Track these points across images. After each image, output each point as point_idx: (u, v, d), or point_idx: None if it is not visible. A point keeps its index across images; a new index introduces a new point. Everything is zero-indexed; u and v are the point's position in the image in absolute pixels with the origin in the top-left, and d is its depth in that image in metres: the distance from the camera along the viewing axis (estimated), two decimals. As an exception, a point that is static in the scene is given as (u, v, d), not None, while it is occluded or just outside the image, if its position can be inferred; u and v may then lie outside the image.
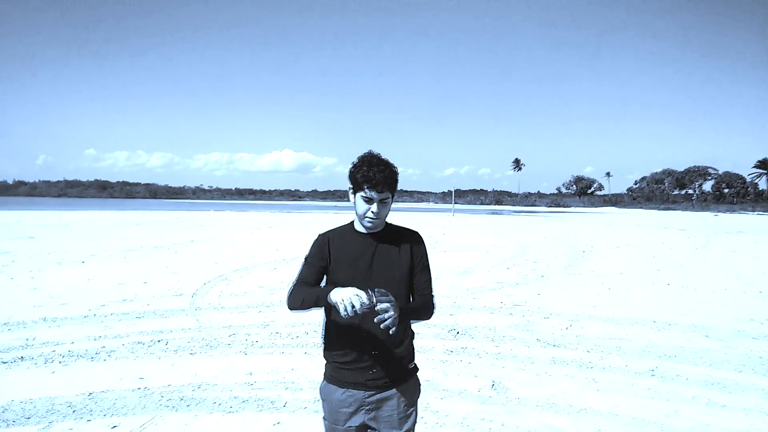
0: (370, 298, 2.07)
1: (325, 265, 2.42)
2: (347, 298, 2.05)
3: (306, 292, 2.31)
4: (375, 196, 2.29)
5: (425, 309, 2.43)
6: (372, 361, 2.37)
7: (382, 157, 2.35)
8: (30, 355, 5.90)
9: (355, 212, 2.39)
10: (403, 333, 2.44)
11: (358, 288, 2.11)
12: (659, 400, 4.89)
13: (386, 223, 2.48)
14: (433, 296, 2.50)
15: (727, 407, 4.73)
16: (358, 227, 2.44)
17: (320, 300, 2.23)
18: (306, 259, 2.48)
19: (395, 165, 2.37)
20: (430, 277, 2.53)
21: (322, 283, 2.45)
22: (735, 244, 23.12)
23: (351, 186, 2.36)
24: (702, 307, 9.07)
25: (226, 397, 4.83)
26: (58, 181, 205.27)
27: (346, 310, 2.04)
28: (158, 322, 7.49)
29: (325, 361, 2.52)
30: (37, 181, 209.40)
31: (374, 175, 2.27)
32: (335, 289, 2.13)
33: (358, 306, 2.04)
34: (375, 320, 2.07)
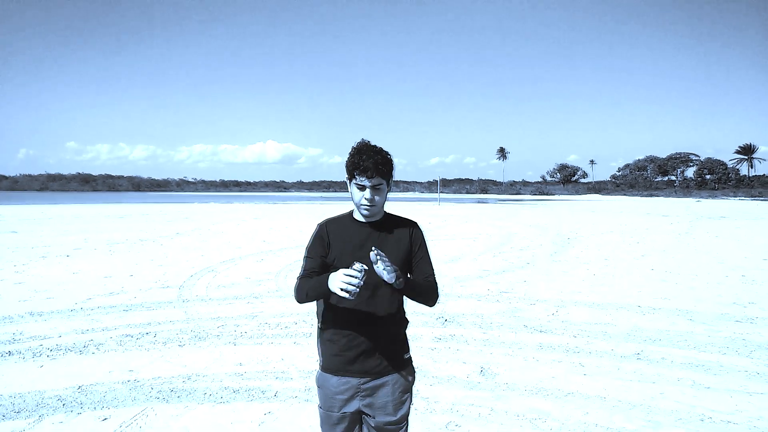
0: (361, 270, 2.09)
1: (325, 255, 2.43)
2: (342, 283, 2.06)
3: (309, 286, 2.32)
4: (366, 183, 2.30)
5: (430, 291, 2.45)
6: (367, 346, 2.38)
7: (374, 145, 2.37)
8: (18, 350, 5.86)
9: (353, 201, 2.41)
10: (397, 314, 2.47)
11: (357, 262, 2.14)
12: (645, 382, 4.96)
13: (385, 212, 2.50)
14: (435, 282, 2.52)
15: (712, 389, 4.81)
16: (357, 216, 2.46)
17: (323, 294, 2.25)
18: (307, 251, 2.49)
19: (388, 152, 2.39)
20: (431, 265, 2.55)
21: None
22: (717, 230, 23.40)
23: (347, 176, 2.38)
24: (686, 292, 9.20)
25: (216, 387, 4.84)
26: (40, 175, 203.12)
27: (349, 294, 2.07)
28: (146, 314, 7.46)
29: (319, 350, 2.52)
30: (18, 175, 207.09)
31: (364, 161, 2.29)
32: (329, 278, 2.15)
33: (356, 284, 2.07)
34: (382, 272, 2.12)
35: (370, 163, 2.28)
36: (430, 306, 2.48)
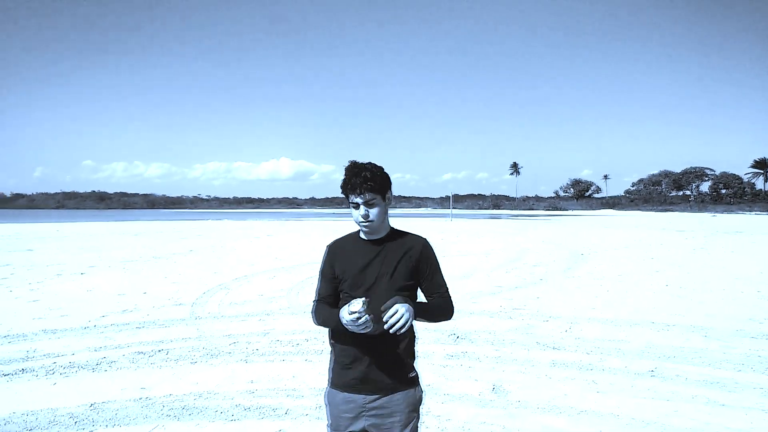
0: (365, 303, 2.14)
1: (334, 275, 2.49)
2: (350, 321, 2.15)
3: (324, 317, 2.44)
4: (358, 200, 2.34)
5: (441, 308, 2.48)
6: (371, 364, 2.38)
7: (362, 162, 2.39)
8: (31, 367, 5.90)
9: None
10: (405, 335, 2.45)
11: (355, 299, 2.20)
12: (659, 400, 4.91)
13: (391, 228, 2.52)
14: (449, 294, 2.53)
15: (727, 406, 4.75)
16: (363, 235, 2.48)
17: (338, 327, 2.29)
18: (319, 273, 2.58)
19: (380, 167, 2.41)
20: (442, 276, 2.56)
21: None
22: (733, 245, 23.18)
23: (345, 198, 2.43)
24: (700, 308, 9.10)
25: (227, 405, 4.84)
26: (56, 193, 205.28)
27: (361, 327, 2.16)
28: (159, 332, 7.50)
29: (329, 367, 2.53)
30: (34, 193, 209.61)
31: (351, 179, 2.34)
32: (340, 314, 2.22)
33: (363, 322, 2.14)
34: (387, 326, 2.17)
35: (358, 181, 2.32)
36: (448, 319, 2.51)
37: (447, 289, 2.53)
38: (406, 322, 2.14)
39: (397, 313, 2.14)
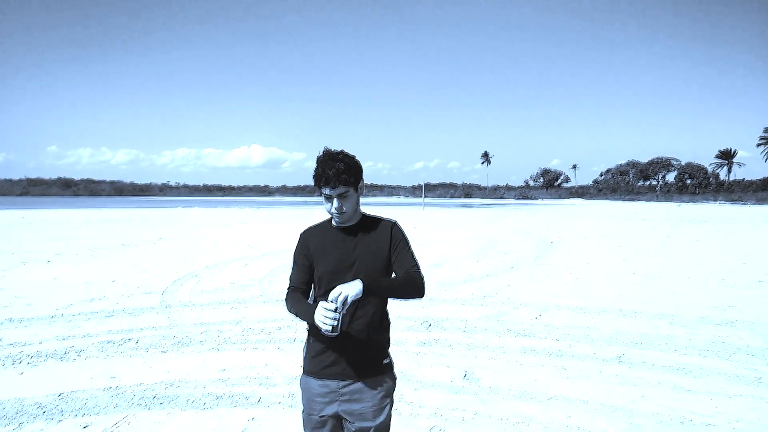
0: (335, 303, 2.15)
1: (309, 263, 2.49)
2: (322, 321, 2.14)
3: (298, 308, 2.40)
4: (331, 193, 2.34)
5: (408, 283, 2.39)
6: (345, 350, 2.40)
7: (336, 152, 2.38)
8: (-3, 357, 5.79)
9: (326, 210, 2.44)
10: (377, 319, 2.48)
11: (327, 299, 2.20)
12: (627, 385, 5.01)
13: (363, 214, 2.53)
14: (418, 270, 2.46)
15: (692, 391, 4.87)
16: (336, 223, 2.49)
17: (310, 321, 2.30)
18: (293, 259, 2.56)
19: (353, 156, 2.40)
20: (412, 254, 2.51)
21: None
22: (698, 234, 23.65)
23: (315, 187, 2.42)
24: (667, 295, 9.29)
25: (199, 393, 4.81)
26: (20, 180, 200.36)
27: (331, 331, 2.16)
28: (128, 320, 7.40)
29: (303, 354, 2.54)
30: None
31: (324, 172, 2.32)
32: (315, 312, 2.20)
33: (333, 317, 2.14)
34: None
35: (332, 174, 2.31)
36: (421, 296, 2.43)
37: (416, 265, 2.48)
38: (346, 297, 2.14)
39: (336, 290, 2.16)
